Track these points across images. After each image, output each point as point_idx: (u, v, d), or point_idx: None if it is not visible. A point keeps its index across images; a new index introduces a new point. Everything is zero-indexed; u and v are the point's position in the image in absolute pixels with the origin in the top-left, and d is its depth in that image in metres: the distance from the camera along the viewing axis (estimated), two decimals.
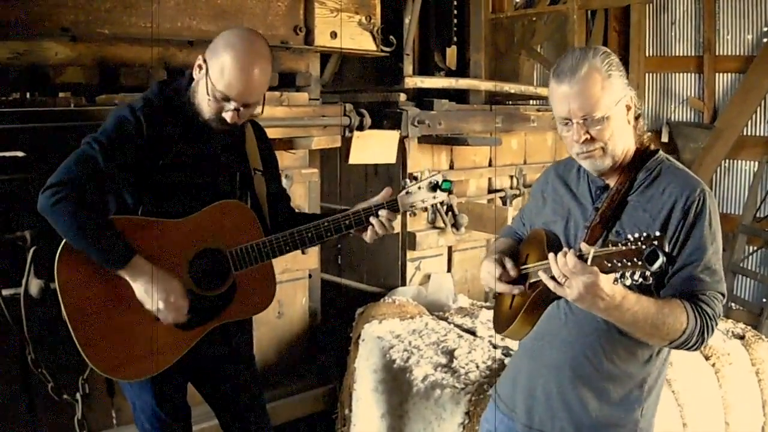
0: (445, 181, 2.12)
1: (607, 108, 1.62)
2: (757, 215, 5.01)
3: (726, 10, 5.21)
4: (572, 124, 1.65)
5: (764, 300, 4.95)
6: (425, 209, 2.12)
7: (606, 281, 1.41)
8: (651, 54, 5.66)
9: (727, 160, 5.28)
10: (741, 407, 3.01)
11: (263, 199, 2.19)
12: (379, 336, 3.08)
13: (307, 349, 3.37)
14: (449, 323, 3.33)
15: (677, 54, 5.53)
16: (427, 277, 3.75)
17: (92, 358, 1.94)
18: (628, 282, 1.39)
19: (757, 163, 5.08)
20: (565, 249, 1.46)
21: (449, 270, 3.87)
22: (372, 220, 2.07)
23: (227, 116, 1.95)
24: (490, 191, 4.04)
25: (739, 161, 5.26)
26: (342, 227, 2.07)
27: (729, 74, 5.25)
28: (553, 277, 1.49)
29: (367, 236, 2.11)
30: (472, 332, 3.19)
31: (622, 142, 1.68)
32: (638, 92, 5.50)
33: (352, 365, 3.10)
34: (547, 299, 1.68)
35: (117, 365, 1.98)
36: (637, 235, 1.35)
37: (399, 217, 3.60)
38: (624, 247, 1.35)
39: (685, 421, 2.78)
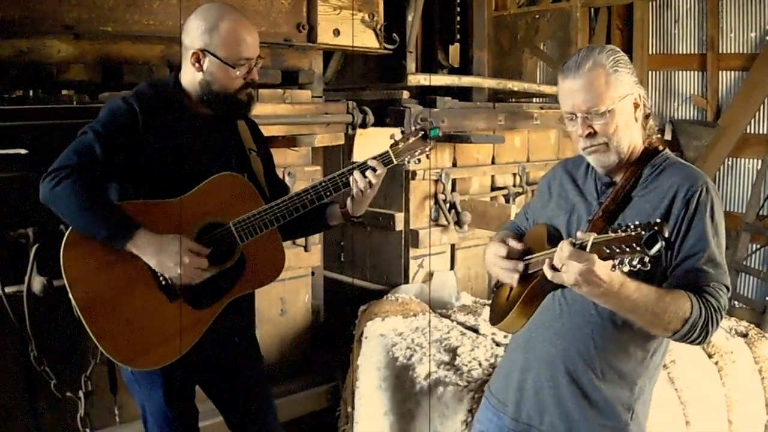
0: (432, 128, 2.15)
1: (610, 102, 1.63)
2: (761, 213, 5.00)
3: (729, 7, 5.20)
4: (577, 119, 1.66)
5: (767, 298, 4.94)
6: (418, 161, 2.17)
7: (602, 267, 1.39)
8: (654, 52, 5.65)
9: (730, 158, 5.28)
10: (744, 405, 3.00)
11: (261, 178, 2.20)
12: (382, 333, 3.08)
13: (310, 347, 3.37)
14: (452, 321, 3.32)
15: (680, 52, 5.52)
16: (430, 274, 3.75)
17: (109, 349, 1.91)
18: (626, 268, 1.37)
19: (760, 161, 5.08)
20: (570, 239, 1.45)
21: (452, 268, 3.86)
22: (367, 173, 2.12)
23: (254, 74, 2.05)
24: (493, 189, 4.04)
25: (743, 159, 5.26)
26: (340, 185, 2.13)
27: (732, 72, 5.24)
28: (552, 266, 1.47)
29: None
30: (475, 330, 3.18)
31: (627, 138, 1.68)
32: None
33: (355, 363, 3.10)
34: (544, 291, 1.65)
35: (136, 354, 1.95)
36: (637, 222, 1.35)
37: (402, 215, 3.68)
38: (623, 234, 1.35)
39: (688, 419, 2.77)
